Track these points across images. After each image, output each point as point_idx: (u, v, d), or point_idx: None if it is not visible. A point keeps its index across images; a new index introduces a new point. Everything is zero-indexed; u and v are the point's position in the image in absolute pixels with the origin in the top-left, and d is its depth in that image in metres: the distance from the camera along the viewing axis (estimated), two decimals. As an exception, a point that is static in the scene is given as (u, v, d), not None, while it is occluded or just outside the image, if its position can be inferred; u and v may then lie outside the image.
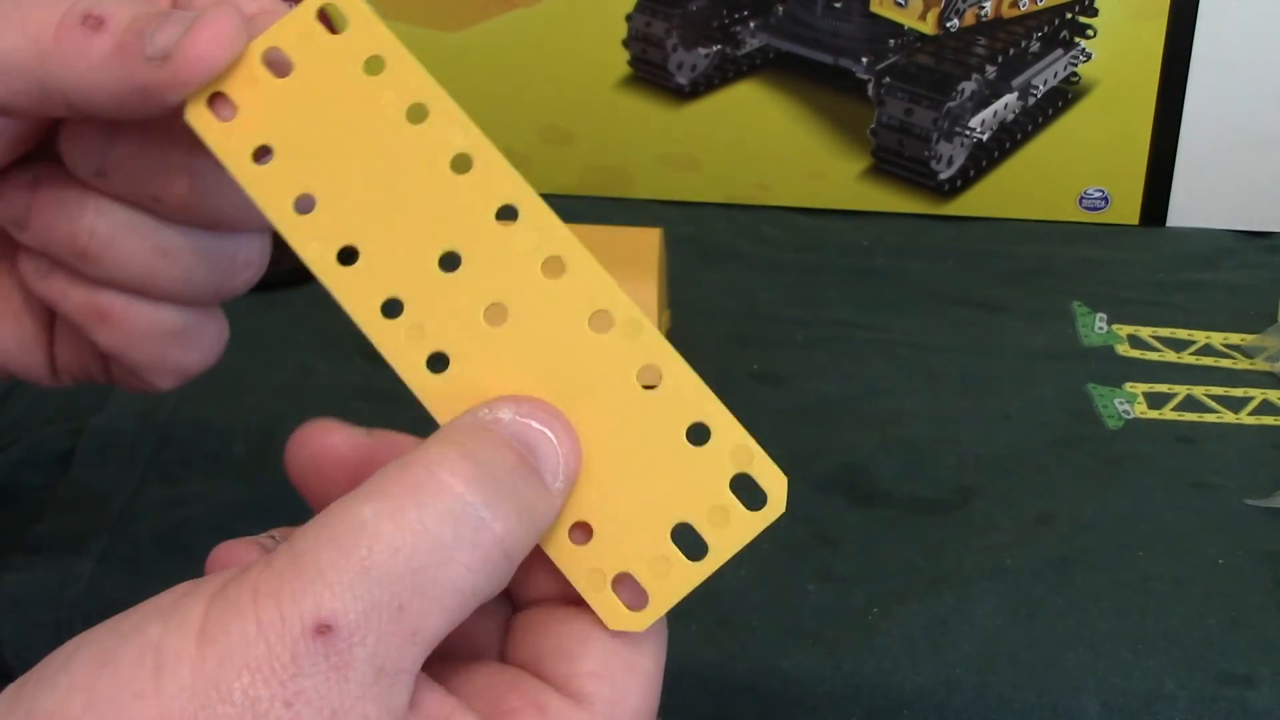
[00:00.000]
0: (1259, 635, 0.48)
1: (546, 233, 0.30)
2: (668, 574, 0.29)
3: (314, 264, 0.30)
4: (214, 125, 0.31)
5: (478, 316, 0.29)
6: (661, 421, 0.29)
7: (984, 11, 0.78)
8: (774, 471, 0.29)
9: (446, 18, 0.79)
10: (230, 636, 0.24)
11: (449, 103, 0.30)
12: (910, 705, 0.46)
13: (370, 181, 0.30)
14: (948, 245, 0.78)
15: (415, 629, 0.25)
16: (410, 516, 0.25)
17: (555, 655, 0.28)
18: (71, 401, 0.61)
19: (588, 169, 0.82)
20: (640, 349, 0.29)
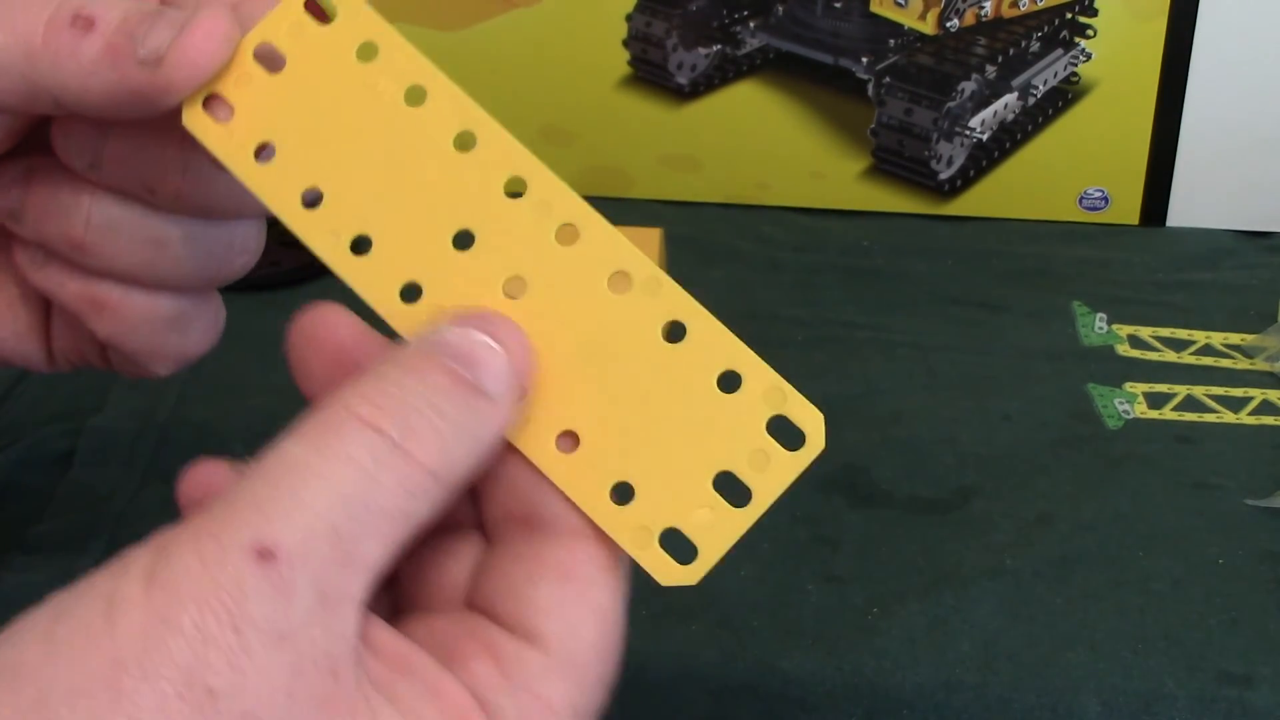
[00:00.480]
0: (1259, 635, 0.48)
1: (557, 201, 0.30)
2: (714, 523, 0.29)
3: (327, 257, 0.30)
4: (213, 128, 0.30)
5: (497, 291, 0.29)
6: (691, 373, 0.29)
7: (984, 11, 0.78)
8: (809, 410, 0.29)
9: (446, 18, 0.79)
10: (175, 575, 0.24)
11: (446, 82, 0.31)
12: (910, 705, 0.46)
13: (375, 169, 0.30)
14: (948, 245, 0.78)
15: (352, 554, 0.25)
16: (333, 447, 0.26)
17: (506, 596, 0.28)
18: (71, 401, 0.61)
19: (588, 169, 0.82)
20: (662, 305, 0.30)
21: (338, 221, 0.30)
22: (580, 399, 0.29)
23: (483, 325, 0.29)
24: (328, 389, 0.29)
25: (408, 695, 0.26)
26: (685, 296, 0.30)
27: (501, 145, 0.30)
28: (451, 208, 0.30)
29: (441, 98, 0.31)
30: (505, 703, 0.27)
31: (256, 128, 0.30)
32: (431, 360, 0.28)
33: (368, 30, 0.31)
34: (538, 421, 0.29)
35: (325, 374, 0.30)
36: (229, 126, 0.30)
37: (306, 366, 0.30)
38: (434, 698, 0.26)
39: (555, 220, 0.30)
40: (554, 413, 0.29)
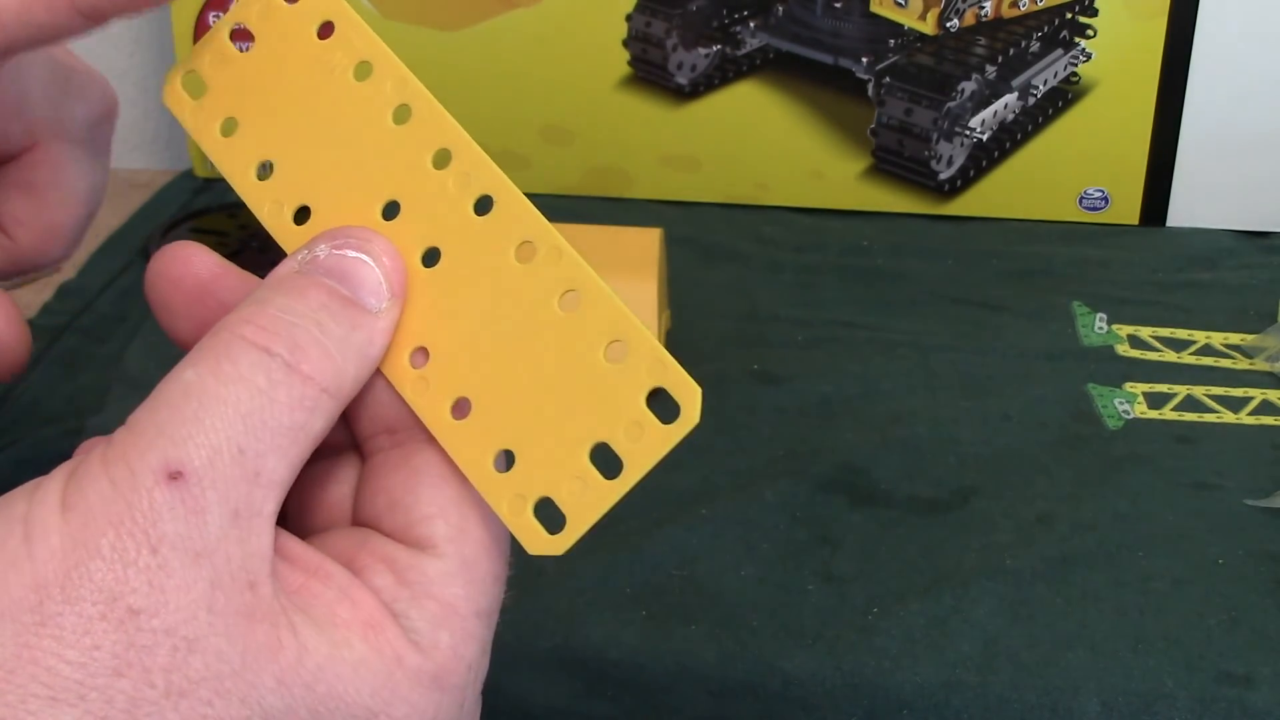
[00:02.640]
0: (1259, 635, 0.48)
1: (476, 173, 0.30)
2: (585, 493, 0.29)
3: (271, 226, 0.32)
4: (187, 104, 0.33)
5: (416, 261, 0.30)
6: (581, 343, 0.29)
7: (984, 11, 0.78)
8: (688, 383, 0.28)
9: (446, 18, 0.79)
10: (89, 500, 0.25)
11: (391, 58, 0.32)
12: (910, 705, 0.46)
13: (321, 141, 0.32)
14: (948, 245, 0.78)
15: (258, 469, 0.26)
16: (227, 370, 0.27)
17: (391, 508, 0.29)
18: (71, 402, 0.61)
19: (588, 169, 0.82)
20: (561, 275, 0.30)
21: (282, 192, 0.32)
22: (476, 366, 0.30)
23: (353, 242, 0.30)
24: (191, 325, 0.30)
25: (324, 602, 0.27)
26: (583, 266, 0.29)
27: (433, 118, 0.31)
28: (383, 179, 0.31)
29: (385, 72, 0.31)
30: (411, 611, 0.28)
31: (224, 104, 0.32)
32: (309, 279, 0.29)
33: (327, 9, 0.32)
34: (435, 388, 0.30)
35: (187, 310, 0.31)
36: (201, 103, 0.33)
37: (168, 304, 0.31)
38: (350, 605, 0.27)
39: (474, 191, 0.30)
40: (451, 379, 0.30)
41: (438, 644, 0.28)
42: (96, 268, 0.73)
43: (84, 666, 0.24)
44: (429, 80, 0.32)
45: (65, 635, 0.24)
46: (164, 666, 0.25)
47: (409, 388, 0.30)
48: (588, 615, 0.48)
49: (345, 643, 0.27)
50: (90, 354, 0.65)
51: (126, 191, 0.84)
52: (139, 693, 0.24)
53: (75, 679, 0.24)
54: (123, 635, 0.24)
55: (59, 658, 0.24)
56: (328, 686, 0.26)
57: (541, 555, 0.29)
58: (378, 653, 0.27)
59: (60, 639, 0.24)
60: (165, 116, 0.90)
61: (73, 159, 0.38)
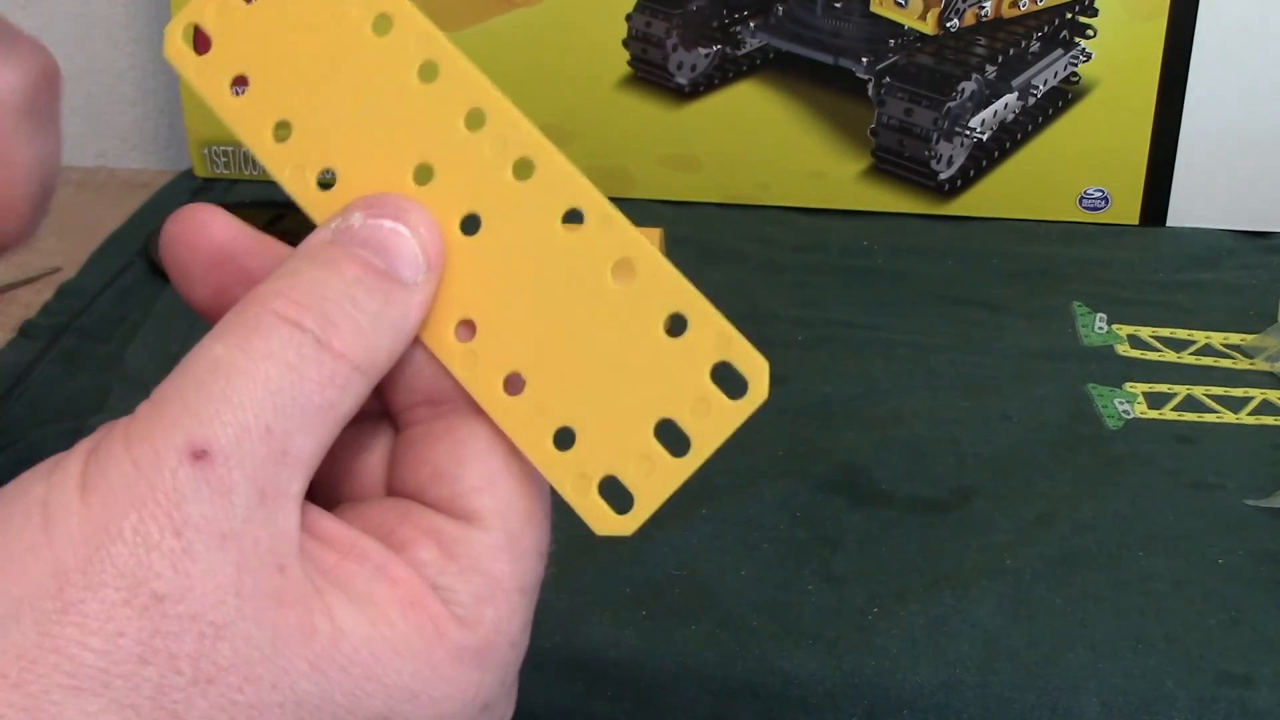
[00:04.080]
0: (1259, 635, 0.48)
1: (513, 135, 0.29)
2: (652, 472, 0.28)
3: (291, 189, 0.30)
4: (191, 59, 0.31)
5: (454, 228, 0.29)
6: (639, 315, 0.28)
7: (984, 11, 0.78)
8: (754, 357, 0.27)
9: (446, 18, 0.79)
10: (110, 481, 0.24)
11: (413, 11, 0.30)
12: (910, 705, 0.46)
13: (342, 101, 0.30)
14: (948, 245, 0.78)
15: (285, 448, 0.25)
16: (257, 346, 0.26)
17: (435, 480, 0.28)
18: (71, 401, 0.61)
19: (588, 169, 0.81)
20: (613, 243, 0.28)
21: (303, 156, 0.30)
22: (527, 340, 0.28)
23: (390, 211, 0.29)
24: (210, 291, 0.29)
25: (360, 581, 0.26)
26: (638, 235, 0.28)
27: (463, 77, 0.29)
28: (412, 141, 0.29)
29: (406, 27, 0.30)
30: (457, 585, 0.27)
31: (233, 59, 0.30)
32: (344, 250, 0.28)
33: None
34: (485, 363, 0.29)
35: (205, 275, 0.29)
36: (206, 59, 0.31)
37: (185, 269, 0.30)
38: (388, 582, 0.26)
39: (512, 154, 0.29)
40: (502, 354, 0.29)
41: (482, 619, 0.27)
42: (96, 268, 0.73)
43: (108, 654, 0.23)
44: None
45: (88, 622, 0.23)
46: (191, 653, 0.24)
47: (457, 363, 0.29)
48: (588, 615, 0.48)
49: (384, 620, 0.26)
50: (90, 354, 0.65)
51: (126, 191, 0.84)
52: (166, 680, 0.24)
53: (99, 667, 0.23)
54: (147, 622, 0.24)
55: (82, 645, 0.23)
56: (364, 668, 0.25)
57: (610, 535, 0.28)
58: (418, 630, 0.26)
59: (83, 626, 0.23)
60: (165, 116, 0.90)
61: (16, 128, 0.36)
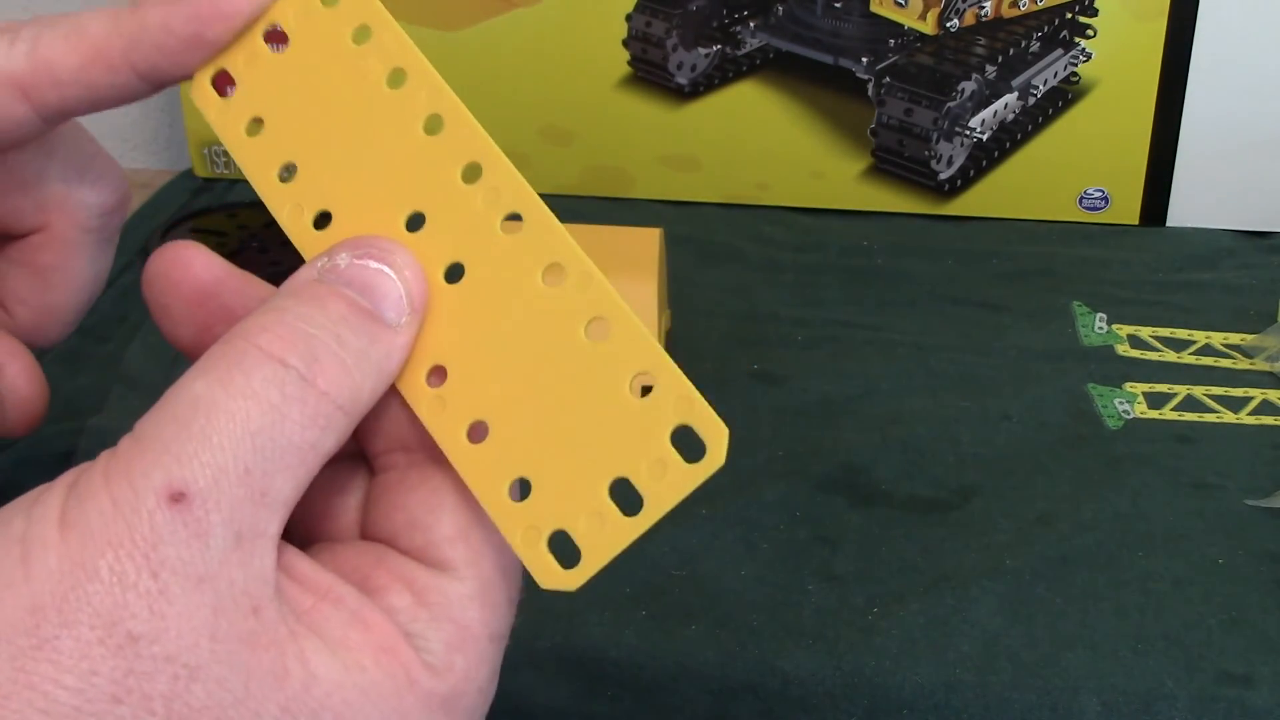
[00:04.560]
0: (1259, 635, 0.48)
1: (507, 189, 0.30)
2: (602, 530, 0.28)
3: (287, 226, 0.31)
4: (214, 101, 0.32)
5: (438, 276, 0.30)
6: (607, 374, 0.28)
7: (984, 11, 0.78)
8: (715, 422, 0.28)
9: (446, 18, 0.79)
10: (89, 519, 0.24)
11: (426, 67, 0.31)
12: (910, 705, 0.46)
13: (348, 147, 0.31)
14: (948, 245, 0.78)
15: (264, 489, 0.25)
16: (238, 383, 0.26)
17: (409, 527, 0.28)
18: (71, 401, 0.61)
19: (588, 169, 0.82)
20: (589, 302, 0.29)
21: (303, 196, 0.31)
22: (495, 390, 0.29)
23: (375, 253, 0.29)
24: (192, 330, 0.29)
25: (335, 624, 0.26)
26: (613, 295, 0.29)
27: (465, 131, 0.30)
28: (409, 189, 0.30)
29: (419, 81, 0.31)
30: (429, 632, 0.27)
31: (252, 103, 0.32)
32: (330, 289, 0.28)
33: (365, 13, 0.31)
34: (452, 409, 0.29)
35: (188, 314, 0.30)
36: (228, 101, 0.32)
37: (167, 308, 0.30)
38: (363, 627, 0.27)
39: (503, 208, 0.29)
40: (469, 402, 0.29)
41: (452, 667, 0.27)
42: (96, 268, 0.73)
43: (81, 692, 0.24)
44: None
45: (62, 660, 0.24)
46: (164, 694, 0.24)
47: (424, 406, 0.29)
48: (588, 615, 0.48)
49: (357, 666, 0.26)
50: (90, 354, 0.65)
51: (126, 191, 0.84)
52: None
53: (72, 705, 0.23)
54: (121, 661, 0.24)
55: (56, 683, 0.23)
56: (335, 713, 0.26)
57: (553, 590, 0.28)
58: (390, 676, 0.26)
59: (57, 664, 0.24)
60: (165, 116, 0.90)
61: (81, 244, 0.38)
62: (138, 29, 0.32)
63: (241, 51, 0.32)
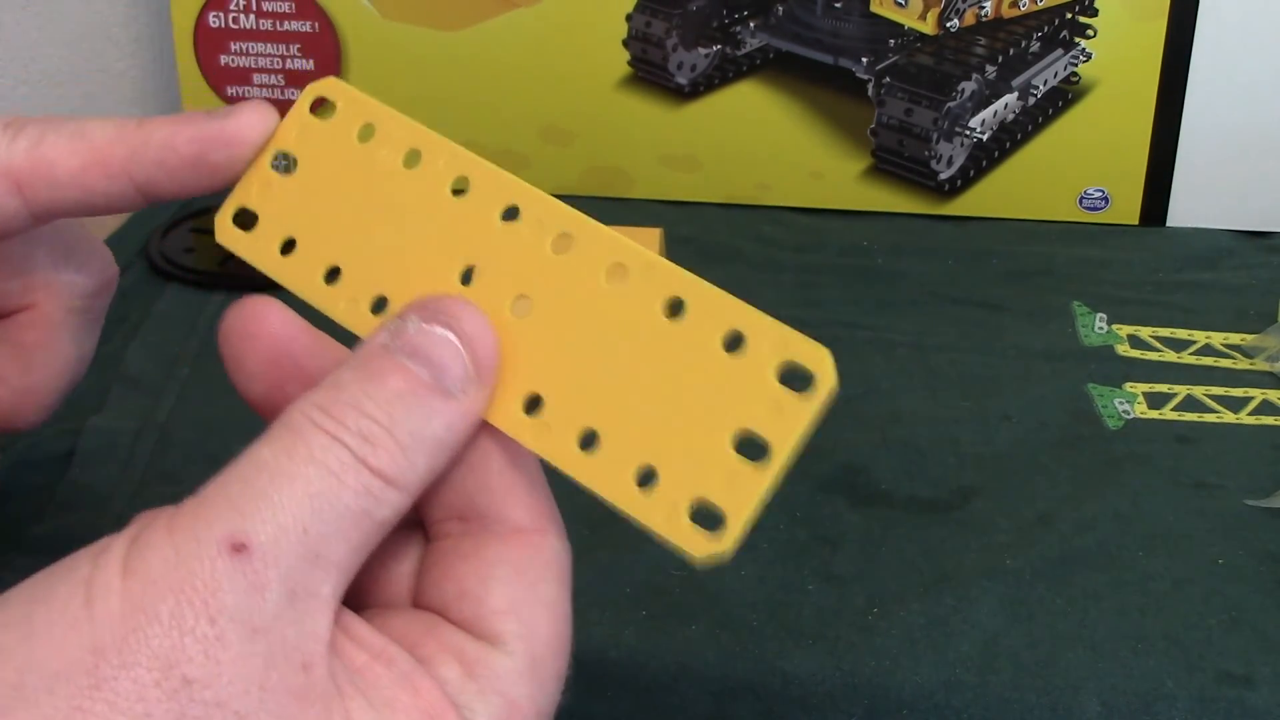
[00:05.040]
0: (1259, 635, 0.48)
1: (548, 215, 0.30)
2: (735, 484, 0.28)
3: (345, 321, 0.32)
4: (242, 239, 0.33)
5: (505, 313, 0.30)
6: (696, 343, 0.29)
7: (984, 11, 0.78)
8: (814, 348, 0.29)
9: (446, 18, 0.79)
10: (151, 566, 0.25)
11: (437, 138, 0.32)
12: (910, 705, 0.46)
13: (384, 234, 0.32)
14: (948, 245, 0.78)
15: (319, 551, 0.26)
16: (300, 452, 0.27)
17: (461, 598, 0.29)
18: (71, 402, 0.60)
19: (588, 169, 0.82)
20: (658, 285, 0.29)
21: (355, 290, 0.32)
22: (594, 397, 0.29)
23: (443, 318, 0.29)
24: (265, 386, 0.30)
25: (385, 685, 0.27)
26: (679, 271, 0.29)
27: (493, 180, 0.31)
28: (454, 249, 0.31)
29: (434, 153, 0.32)
30: (476, 704, 0.27)
31: (279, 228, 0.33)
32: (391, 362, 0.28)
33: (365, 114, 0.32)
34: (558, 430, 0.29)
35: (261, 371, 0.31)
36: (255, 234, 0.33)
37: (242, 364, 0.31)
38: (412, 691, 0.27)
39: (550, 233, 0.30)
40: (572, 417, 0.29)
41: None
42: (96, 268, 0.73)
43: None
44: (429, 80, 0.32)
45: (119, 700, 0.24)
46: None
47: (530, 436, 0.29)
48: (588, 615, 0.48)
49: None
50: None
51: (126, 191, 0.84)
52: None
53: None
54: (175, 705, 0.24)
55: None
56: None
57: (709, 560, 0.28)
58: None
59: (113, 704, 0.24)
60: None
61: (66, 326, 0.38)
62: (141, 142, 0.33)
63: (254, 184, 0.33)
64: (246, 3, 0.80)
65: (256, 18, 0.80)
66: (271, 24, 0.81)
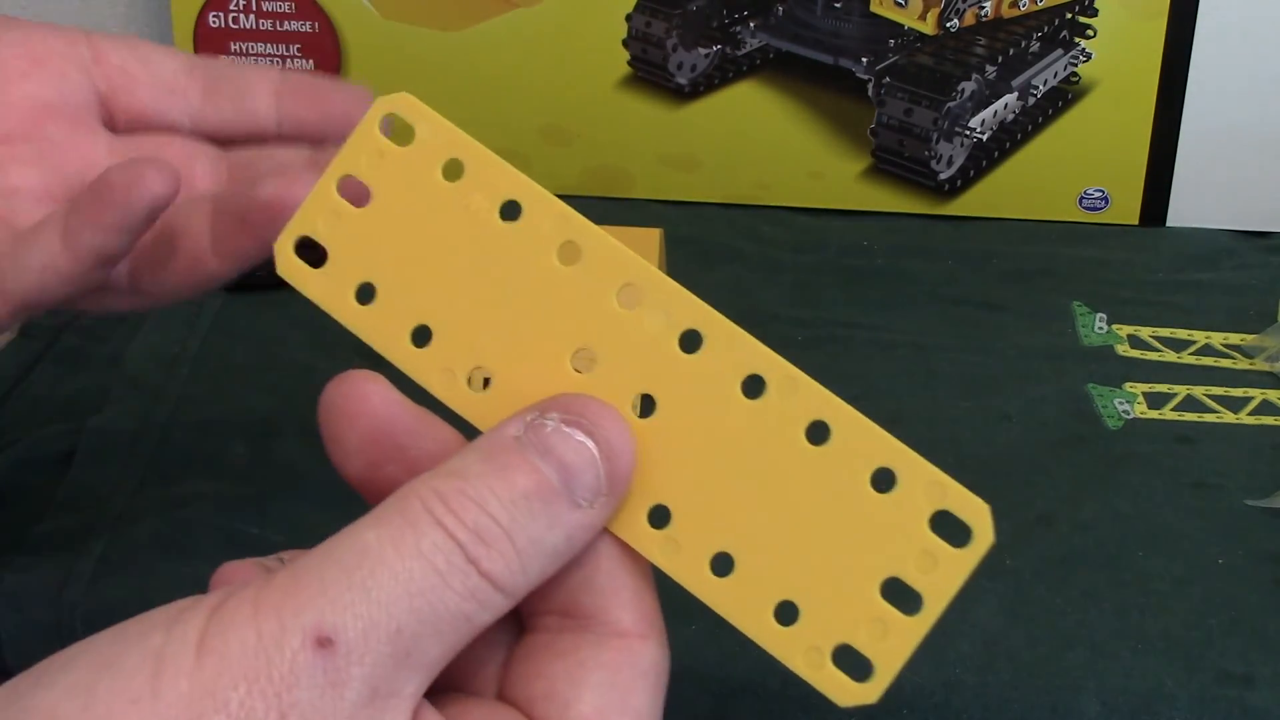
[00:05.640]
0: (1259, 635, 0.48)
1: (676, 307, 0.28)
2: (886, 635, 0.27)
3: (445, 396, 0.29)
4: (310, 275, 0.29)
5: (628, 412, 0.28)
6: (841, 475, 0.27)
7: (984, 11, 0.78)
8: (972, 501, 0.28)
9: (446, 18, 0.79)
10: (229, 647, 0.24)
11: (542, 193, 0.29)
12: (910, 705, 0.46)
13: (481, 295, 0.29)
14: (948, 245, 0.78)
15: (409, 651, 0.25)
16: (409, 544, 0.25)
17: (548, 698, 0.27)
18: (71, 401, 0.61)
19: (588, 169, 0.82)
20: (801, 405, 0.28)
21: (450, 359, 0.29)
22: (728, 518, 0.28)
23: (585, 424, 0.27)
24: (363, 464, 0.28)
25: None
26: (824, 393, 0.28)
27: (609, 253, 0.28)
28: (565, 328, 0.28)
29: (538, 209, 0.28)
30: None
31: (354, 268, 0.29)
32: (522, 460, 0.27)
33: (450, 147, 0.29)
34: (689, 549, 0.28)
35: (360, 449, 0.29)
36: (326, 271, 0.29)
37: (340, 442, 0.29)
38: None
39: (677, 327, 0.28)
40: (704, 536, 0.28)
41: None
42: (96, 268, 0.73)
43: None
44: (429, 80, 0.31)
45: None
46: None
47: (657, 552, 0.28)
48: (588, 615, 0.48)
49: None
50: (90, 354, 0.65)
51: (126, 191, 0.84)
52: None
53: None
54: None
55: None
56: None
57: (855, 705, 0.27)
58: None
59: None
60: (165, 116, 0.90)
61: None
62: None
63: (320, 212, 0.29)
64: (246, 3, 0.80)
65: (256, 18, 0.80)
66: (271, 24, 0.81)
